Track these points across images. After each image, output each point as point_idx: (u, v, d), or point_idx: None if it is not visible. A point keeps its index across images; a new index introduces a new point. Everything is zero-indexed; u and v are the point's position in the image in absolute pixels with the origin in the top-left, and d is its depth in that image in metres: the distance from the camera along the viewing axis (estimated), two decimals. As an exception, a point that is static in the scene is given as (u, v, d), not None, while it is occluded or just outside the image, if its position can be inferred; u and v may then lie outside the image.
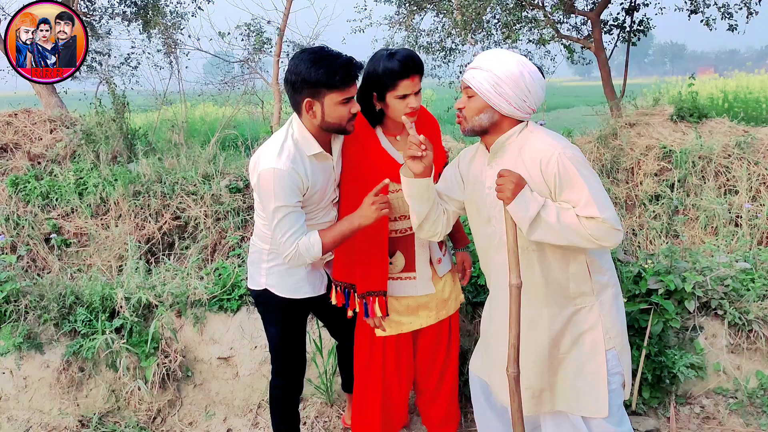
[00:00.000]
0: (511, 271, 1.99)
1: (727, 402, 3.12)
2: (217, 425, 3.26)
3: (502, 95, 2.04)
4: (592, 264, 2.16)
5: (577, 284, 2.15)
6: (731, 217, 4.72)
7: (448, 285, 2.65)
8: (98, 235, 4.77)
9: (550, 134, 2.12)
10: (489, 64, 2.06)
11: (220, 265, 3.67)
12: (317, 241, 2.27)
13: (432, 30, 9.09)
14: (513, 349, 2.00)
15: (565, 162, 2.00)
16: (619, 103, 7.24)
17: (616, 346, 2.18)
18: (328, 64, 2.15)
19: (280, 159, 2.21)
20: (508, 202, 1.99)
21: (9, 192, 5.08)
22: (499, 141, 2.13)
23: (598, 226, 1.96)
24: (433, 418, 2.83)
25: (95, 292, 3.32)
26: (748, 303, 3.19)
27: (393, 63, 2.23)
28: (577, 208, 2.00)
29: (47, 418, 3.27)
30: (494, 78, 2.03)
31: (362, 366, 2.68)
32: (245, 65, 9.31)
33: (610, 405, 2.15)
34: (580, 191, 1.99)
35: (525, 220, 1.98)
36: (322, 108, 2.21)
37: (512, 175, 1.99)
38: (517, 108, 2.06)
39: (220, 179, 5.09)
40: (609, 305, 2.18)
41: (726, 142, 5.30)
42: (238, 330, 3.35)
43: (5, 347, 3.19)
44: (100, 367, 3.27)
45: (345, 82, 2.17)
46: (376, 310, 2.44)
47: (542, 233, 2.00)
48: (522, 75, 2.02)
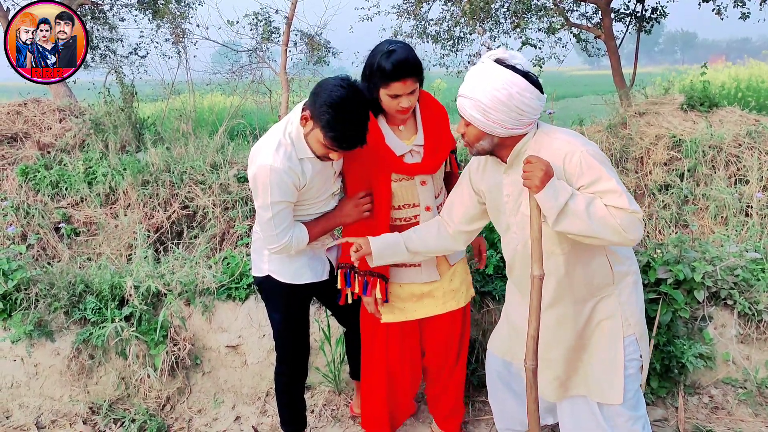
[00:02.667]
0: (534, 261, 1.95)
1: (736, 392, 3.12)
2: (225, 413, 3.28)
3: (495, 122, 1.97)
4: (612, 255, 2.15)
5: (600, 278, 2.15)
6: (741, 206, 4.68)
7: (458, 275, 2.62)
8: (107, 224, 4.80)
9: (566, 132, 2.06)
10: (474, 91, 1.97)
11: (229, 254, 3.69)
12: (306, 233, 2.40)
13: (440, 19, 9.02)
14: (533, 341, 1.98)
15: (588, 159, 1.96)
16: (629, 92, 7.19)
17: (636, 332, 2.18)
18: (338, 118, 2.09)
19: (277, 156, 2.21)
20: (536, 190, 1.90)
21: (19, 181, 5.12)
22: (514, 151, 2.07)
23: (627, 216, 1.91)
24: (442, 409, 2.84)
25: (105, 280, 3.34)
26: (758, 293, 3.17)
27: (387, 63, 2.19)
28: (604, 199, 1.94)
29: (58, 405, 3.31)
30: (482, 107, 1.96)
31: (367, 353, 2.69)
32: (253, 55, 9.29)
33: (627, 390, 2.15)
34: (609, 184, 1.94)
35: (553, 209, 1.91)
36: (310, 130, 2.21)
37: (541, 162, 1.90)
38: (515, 128, 1.99)
39: (228, 169, 5.10)
40: (629, 292, 2.18)
41: (737, 132, 5.26)
42: (246, 318, 3.36)
43: (16, 335, 3.22)
44: (109, 355, 3.30)
45: (334, 142, 2.15)
46: (377, 291, 2.45)
47: (569, 223, 1.93)
48: (510, 96, 1.92)
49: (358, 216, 2.43)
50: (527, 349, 2.00)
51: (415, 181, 2.43)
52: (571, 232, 1.95)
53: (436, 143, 2.43)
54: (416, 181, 2.43)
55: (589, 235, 1.94)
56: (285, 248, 2.36)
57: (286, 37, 8.57)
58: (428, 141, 2.42)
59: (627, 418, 2.17)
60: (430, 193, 2.48)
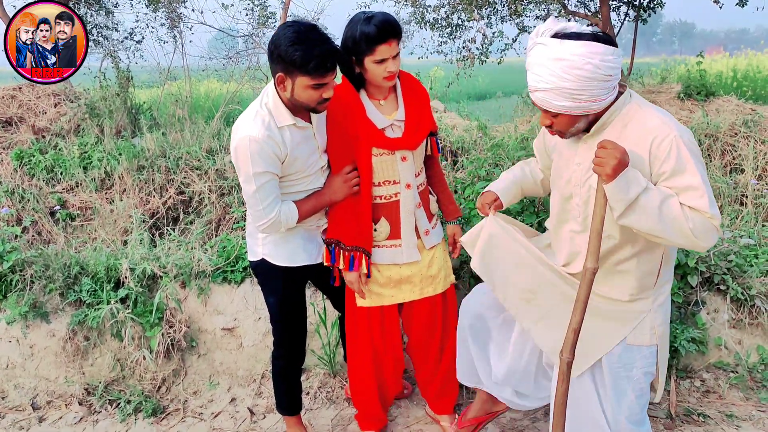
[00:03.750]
0: (590, 253, 1.79)
1: (728, 376, 3.14)
2: (221, 395, 3.30)
3: (587, 101, 1.80)
4: (666, 259, 2.01)
5: (646, 278, 2.02)
6: (737, 195, 4.70)
7: (437, 261, 2.61)
8: (103, 209, 4.79)
9: (662, 112, 1.89)
10: (554, 80, 1.79)
11: (225, 238, 3.69)
12: (295, 210, 2.35)
13: (438, 6, 8.99)
14: (573, 333, 1.84)
15: (680, 146, 1.78)
16: (626, 82, 7.19)
17: (658, 342, 2.06)
18: (307, 48, 2.07)
19: (255, 126, 2.20)
20: (607, 180, 1.74)
21: (14, 165, 5.10)
22: (601, 120, 1.91)
23: (703, 221, 1.76)
24: (431, 391, 2.86)
25: (100, 262, 3.34)
26: (751, 279, 3.19)
27: (370, 28, 2.19)
28: (682, 197, 1.79)
29: (53, 386, 3.32)
30: (569, 92, 1.78)
31: (351, 337, 2.71)
32: (249, 40, 9.25)
33: (635, 405, 2.08)
34: (693, 180, 1.77)
35: (622, 202, 1.75)
36: (292, 86, 2.18)
37: (616, 149, 1.73)
38: (608, 96, 1.83)
39: (224, 154, 5.09)
40: (662, 302, 2.07)
41: (733, 121, 5.27)
42: (242, 301, 3.37)
43: (11, 316, 3.22)
44: (105, 337, 3.30)
45: (318, 70, 2.11)
46: (363, 266, 2.45)
47: (636, 219, 1.78)
48: (596, 68, 1.74)
49: (348, 191, 2.41)
50: (565, 341, 1.86)
51: (396, 156, 2.42)
52: (637, 227, 1.81)
53: (417, 119, 2.44)
54: (397, 156, 2.42)
55: (656, 234, 1.80)
56: (274, 224, 2.32)
57: (282, 22, 8.53)
58: (409, 116, 2.43)
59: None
60: (410, 171, 2.47)
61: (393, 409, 3.07)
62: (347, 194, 2.42)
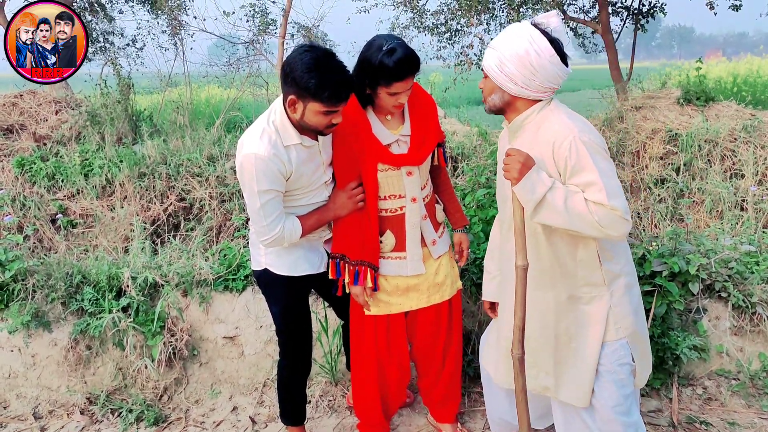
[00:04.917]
0: (518, 252, 1.96)
1: (729, 384, 3.14)
2: (222, 403, 3.30)
3: (508, 75, 1.99)
4: (603, 252, 2.09)
5: (585, 271, 2.09)
6: (737, 200, 4.71)
7: (443, 268, 2.62)
8: (104, 216, 4.79)
9: (570, 116, 2.04)
10: (498, 42, 2.01)
11: (226, 246, 3.69)
12: (299, 225, 2.37)
13: (438, 11, 8.99)
14: (518, 330, 1.99)
15: (578, 146, 1.92)
16: (626, 87, 7.19)
17: (627, 336, 2.11)
18: (323, 76, 2.07)
19: (262, 144, 2.20)
20: (514, 182, 1.94)
21: (15, 173, 5.11)
22: (516, 121, 2.09)
23: (606, 213, 1.88)
24: (434, 399, 2.85)
25: (102, 271, 3.35)
26: (752, 286, 3.19)
27: (390, 62, 2.17)
28: (586, 192, 1.92)
29: (55, 395, 3.32)
30: (499, 57, 1.99)
31: (356, 345, 2.70)
32: (250, 47, 9.27)
33: (618, 395, 2.10)
34: (591, 176, 1.91)
35: (530, 202, 1.93)
36: (303, 110, 2.17)
37: (519, 154, 1.93)
38: (526, 87, 2.00)
39: (224, 161, 5.10)
40: (620, 295, 2.11)
41: (733, 126, 5.27)
42: (243, 310, 3.37)
43: (13, 325, 3.23)
44: (107, 346, 3.30)
45: (331, 99, 2.11)
46: (367, 279, 2.45)
47: (547, 216, 1.95)
48: (527, 53, 1.94)
49: (352, 207, 2.42)
50: (513, 338, 2.00)
51: (401, 171, 2.43)
52: (551, 224, 1.97)
53: (423, 134, 2.44)
54: (402, 171, 2.43)
55: (568, 228, 1.95)
56: (277, 240, 2.33)
57: (283, 29, 8.55)
58: (415, 132, 2.43)
59: (619, 423, 2.12)
60: (416, 185, 2.48)
61: (395, 417, 3.07)
62: (352, 210, 2.43)
